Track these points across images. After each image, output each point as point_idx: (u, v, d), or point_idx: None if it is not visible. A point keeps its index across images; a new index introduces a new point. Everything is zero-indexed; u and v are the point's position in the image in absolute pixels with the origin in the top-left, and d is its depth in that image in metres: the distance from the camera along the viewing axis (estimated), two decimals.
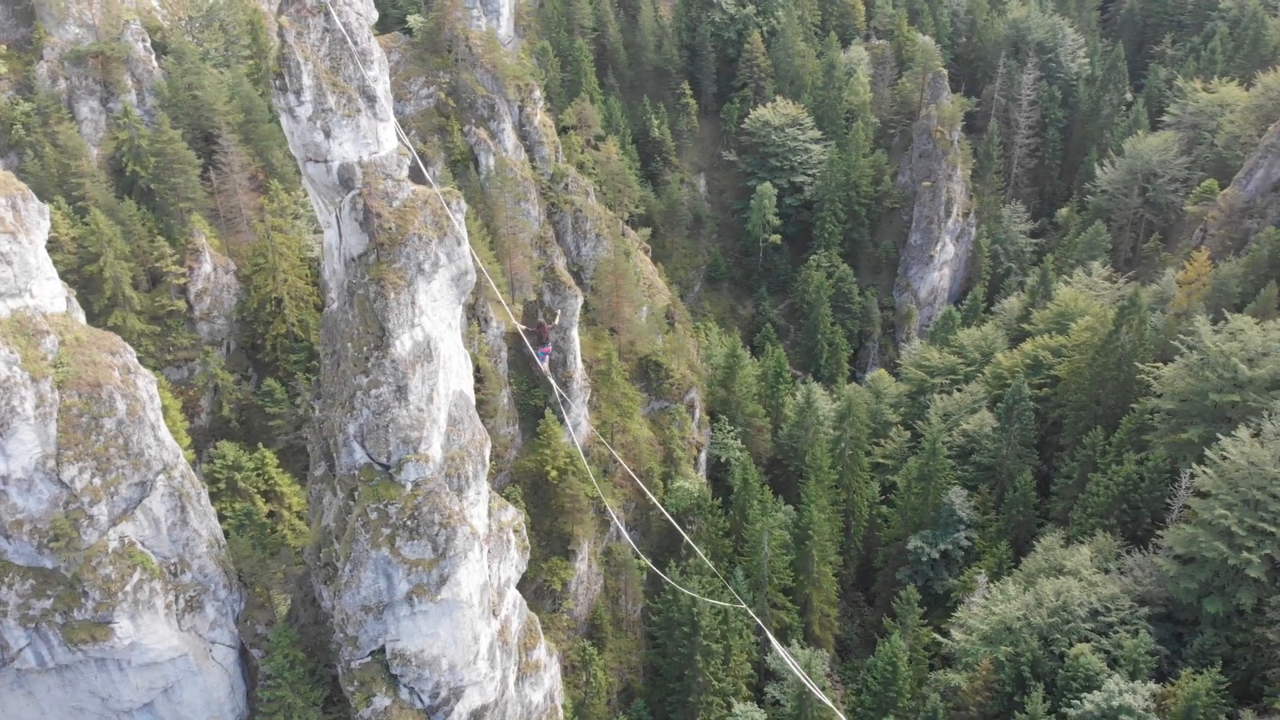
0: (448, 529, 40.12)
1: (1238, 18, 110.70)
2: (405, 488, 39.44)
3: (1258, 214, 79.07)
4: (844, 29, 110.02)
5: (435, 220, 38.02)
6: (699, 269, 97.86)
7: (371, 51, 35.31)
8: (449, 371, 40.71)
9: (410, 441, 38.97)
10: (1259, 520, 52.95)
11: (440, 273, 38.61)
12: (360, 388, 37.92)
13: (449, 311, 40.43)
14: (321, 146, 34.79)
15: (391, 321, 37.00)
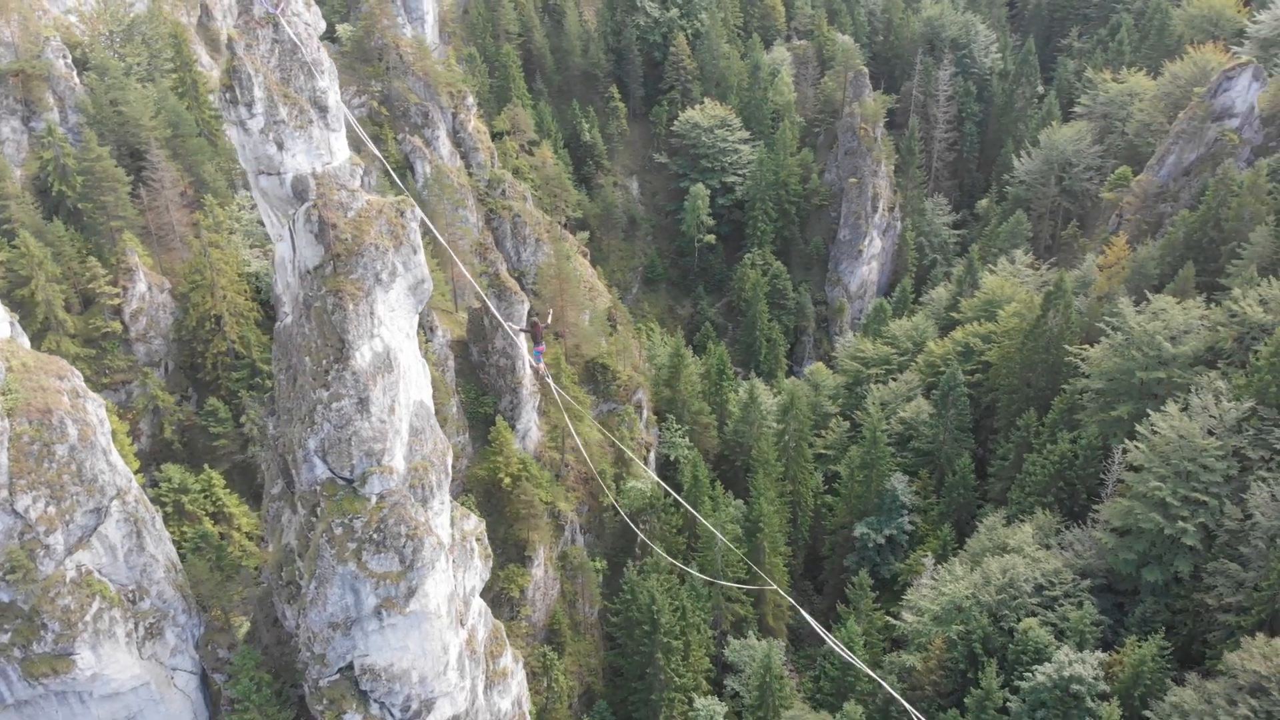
0: (414, 540, 39.86)
1: (1142, 9, 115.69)
2: (370, 500, 39.07)
3: (1171, 198, 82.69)
4: (766, 30, 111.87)
5: (391, 230, 37.77)
6: (636, 271, 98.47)
7: (321, 62, 35.01)
8: (409, 381, 40.44)
9: (373, 454, 38.63)
10: (1191, 490, 55.47)
11: (398, 282, 38.39)
12: (321, 401, 37.46)
13: (407, 321, 40.17)
14: (274, 159, 34.32)
15: (351, 333, 36.65)
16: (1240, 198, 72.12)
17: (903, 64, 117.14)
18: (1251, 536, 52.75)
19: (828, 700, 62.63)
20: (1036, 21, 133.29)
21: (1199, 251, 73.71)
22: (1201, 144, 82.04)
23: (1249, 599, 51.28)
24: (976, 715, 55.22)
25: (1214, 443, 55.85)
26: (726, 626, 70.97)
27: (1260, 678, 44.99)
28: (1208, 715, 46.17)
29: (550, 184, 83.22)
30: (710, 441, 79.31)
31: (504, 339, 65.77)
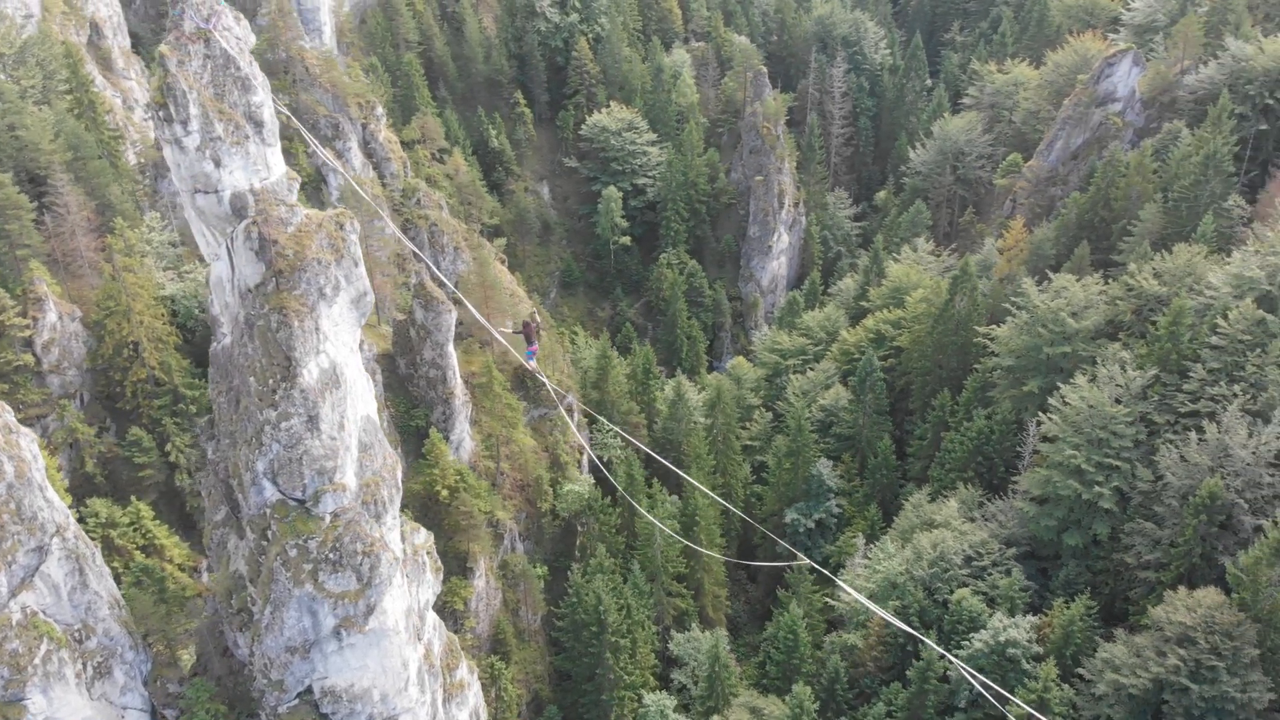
0: (371, 557, 39.40)
1: (1020, 2, 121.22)
2: (324, 520, 38.45)
3: (1061, 181, 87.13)
4: (664, 33, 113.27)
5: (331, 243, 37.28)
6: (553, 275, 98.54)
7: (254, 76, 34.35)
8: (355, 396, 39.94)
9: (325, 472, 38.05)
10: (1104, 457, 58.63)
11: (341, 296, 37.91)
12: (269, 422, 36.72)
13: (350, 335, 39.67)
14: (211, 176, 33.56)
15: (298, 350, 36.05)
16: (1128, 178, 76.54)
17: (797, 63, 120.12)
18: (1164, 496, 56.07)
19: (774, 685, 63.95)
20: (920, 17, 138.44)
21: (1091, 231, 77.88)
22: (1087, 128, 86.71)
23: (1166, 555, 54.55)
24: (919, 686, 57.24)
25: (1122, 410, 59.15)
26: (669, 621, 71.75)
27: (1186, 628, 47.94)
28: (1139, 668, 48.96)
29: (464, 192, 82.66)
30: (641, 440, 79.92)
31: (432, 350, 65.15)
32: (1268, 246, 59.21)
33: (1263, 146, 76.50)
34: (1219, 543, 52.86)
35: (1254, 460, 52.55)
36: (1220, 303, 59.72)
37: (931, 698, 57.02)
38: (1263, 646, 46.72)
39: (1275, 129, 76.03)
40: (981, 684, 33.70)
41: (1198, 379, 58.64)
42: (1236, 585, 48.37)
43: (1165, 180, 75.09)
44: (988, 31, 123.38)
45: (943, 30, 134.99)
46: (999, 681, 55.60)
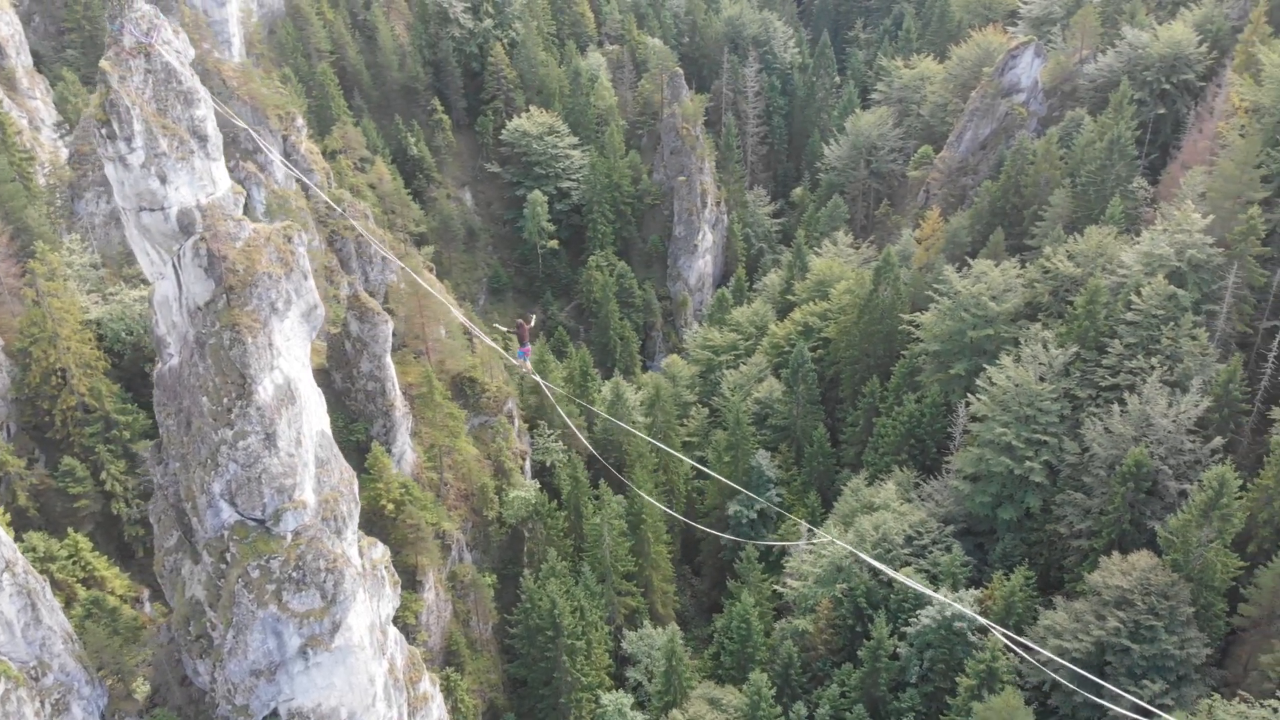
0: (335, 573, 38.92)
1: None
2: (285, 539, 37.86)
3: (971, 171, 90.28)
4: (578, 37, 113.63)
5: (280, 257, 36.76)
6: (481, 282, 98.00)
7: (197, 90, 33.66)
8: (309, 411, 39.39)
9: (285, 489, 37.45)
10: (1033, 433, 61.09)
11: (292, 310, 37.40)
12: (225, 442, 35.99)
13: (302, 349, 39.13)
14: (158, 193, 32.76)
15: (253, 367, 35.44)
16: (1036, 165, 79.74)
17: (710, 63, 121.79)
18: (1091, 467, 58.72)
19: (730, 675, 64.84)
20: (824, 16, 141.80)
21: (1004, 217, 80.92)
22: (994, 119, 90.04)
23: (1097, 523, 57.14)
24: (870, 664, 58.78)
25: (1047, 387, 61.72)
26: (621, 621, 72.12)
27: (1123, 591, 50.34)
28: (1081, 632, 51.24)
29: (388, 201, 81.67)
30: (582, 442, 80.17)
31: (370, 362, 64.30)
32: (1175, 225, 62.46)
33: (1161, 130, 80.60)
34: (1146, 508, 55.64)
35: (1175, 428, 55.45)
36: (1133, 280, 62.74)
37: (884, 675, 58.64)
38: (1196, 604, 49.40)
39: (1172, 113, 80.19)
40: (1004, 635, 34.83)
41: (1116, 354, 61.52)
42: (1167, 547, 51.03)
43: (1072, 166, 78.44)
44: (891, 28, 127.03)
45: (846, 28, 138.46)
46: (947, 654, 57.63)
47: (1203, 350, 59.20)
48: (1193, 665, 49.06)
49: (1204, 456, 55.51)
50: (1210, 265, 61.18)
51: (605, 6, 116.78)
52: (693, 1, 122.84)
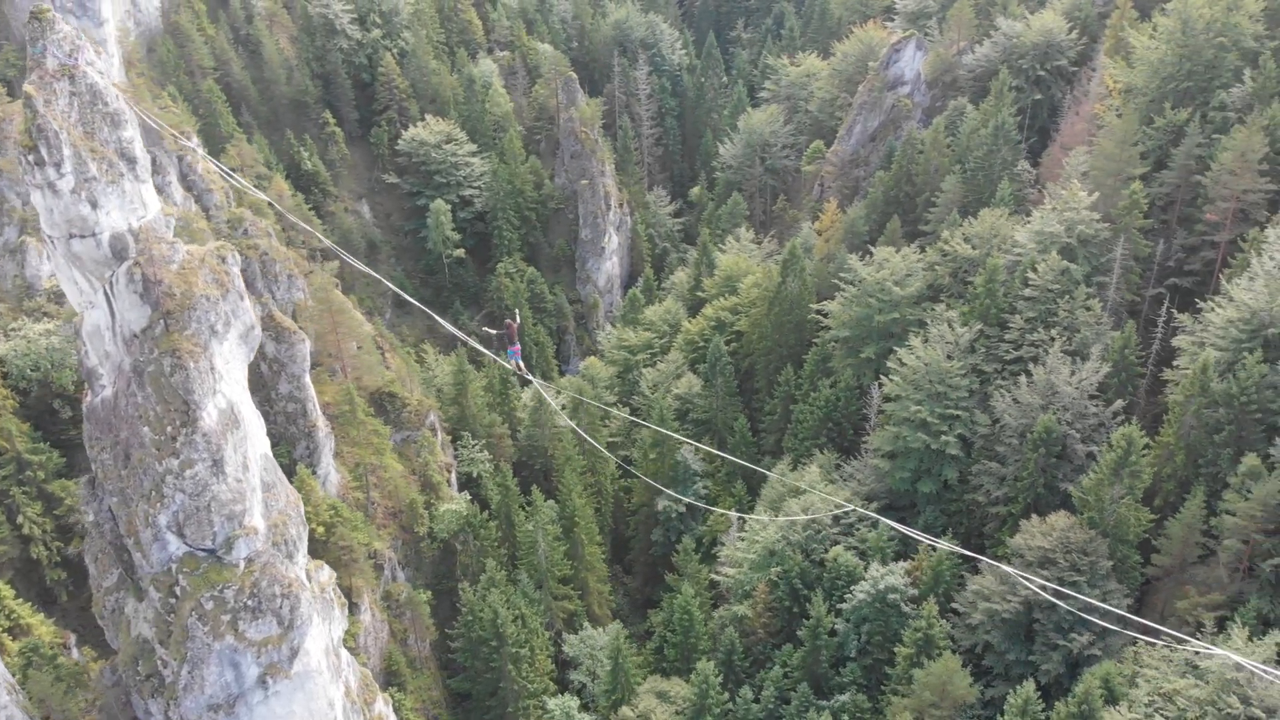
0: (290, 598, 38.14)
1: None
2: (238, 567, 36.91)
3: (863, 163, 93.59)
4: (467, 44, 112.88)
5: (216, 278, 35.87)
6: (386, 295, 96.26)
7: (123, 111, 32.56)
8: (253, 434, 38.47)
9: (235, 516, 36.53)
10: (945, 408, 63.89)
11: (231, 332, 36.53)
12: (170, 472, 34.89)
13: (240, 372, 38.20)
14: (89, 219, 31.58)
15: (196, 393, 34.49)
16: (925, 154, 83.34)
17: (600, 67, 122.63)
18: (1003, 436, 61.80)
19: (674, 667, 65.69)
20: (705, 17, 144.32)
21: (898, 206, 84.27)
22: (881, 111, 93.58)
23: (1013, 489, 60.17)
24: (811, 643, 60.43)
25: (955, 364, 64.61)
26: (559, 625, 72.19)
27: (1045, 551, 53.22)
28: (1008, 594, 53.94)
29: (289, 217, 79.61)
30: (507, 450, 79.95)
31: (288, 382, 62.81)
32: (1063, 203, 66.24)
33: (1039, 114, 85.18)
34: (1058, 472, 58.91)
35: (1078, 394, 58.89)
36: (1028, 258, 66.29)
37: (824, 652, 60.41)
38: (1114, 558, 52.62)
39: (1048, 97, 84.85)
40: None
41: (1017, 328, 64.87)
42: (1082, 507, 54.18)
43: (959, 153, 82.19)
44: (773, 27, 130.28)
45: (728, 29, 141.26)
46: (883, 626, 59.82)
47: (1097, 320, 63.05)
48: (1115, 616, 52.21)
49: (1107, 419, 59.13)
50: (1098, 239, 65.17)
51: (493, 14, 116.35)
52: (580, 6, 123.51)
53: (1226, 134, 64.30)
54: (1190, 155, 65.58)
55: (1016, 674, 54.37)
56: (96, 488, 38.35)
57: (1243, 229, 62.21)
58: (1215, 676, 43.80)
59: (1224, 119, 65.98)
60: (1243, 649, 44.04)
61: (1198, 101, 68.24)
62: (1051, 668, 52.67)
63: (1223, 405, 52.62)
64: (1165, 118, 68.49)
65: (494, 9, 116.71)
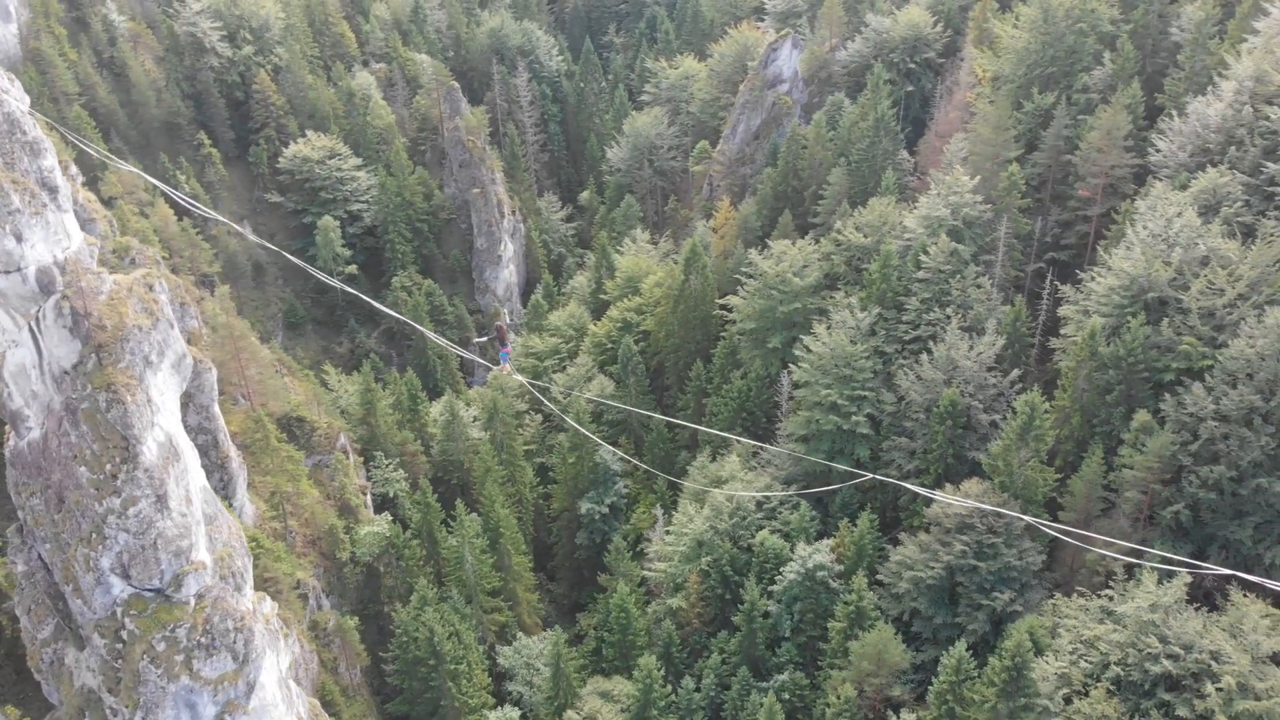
0: (244, 631, 37.15)
1: (672, 1, 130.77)
2: (188, 604, 35.76)
3: (749, 161, 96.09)
4: (341, 57, 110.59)
5: (145, 307, 34.67)
6: (275, 318, 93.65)
7: (42, 140, 31.16)
8: (192, 466, 37.27)
9: (182, 552, 35.37)
10: (853, 390, 66.40)
11: (164, 362, 35.32)
12: (111, 511, 33.54)
13: (174, 403, 36.95)
14: (14, 254, 30.15)
15: (135, 427, 33.28)
16: (810, 149, 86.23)
17: (479, 76, 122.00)
18: (910, 412, 64.71)
19: (614, 666, 66.21)
20: (577, 23, 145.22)
21: (788, 200, 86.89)
22: (763, 110, 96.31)
23: (923, 462, 63.04)
24: (747, 627, 61.91)
25: (859, 348, 67.21)
26: (492, 638, 71.75)
27: (962, 518, 56.11)
28: (931, 560, 56.62)
29: (174, 243, 76.69)
30: (422, 466, 78.91)
31: (197, 414, 60.48)
32: (947, 188, 69.79)
33: (912, 105, 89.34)
34: (964, 441, 62.09)
35: (978, 367, 62.19)
36: (918, 242, 69.51)
37: (760, 635, 62.01)
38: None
39: (920, 89, 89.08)
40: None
41: (914, 309, 67.94)
42: (992, 472, 57.26)
43: (841, 146, 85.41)
44: (647, 31, 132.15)
45: (601, 33, 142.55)
46: (815, 604, 61.81)
47: (988, 296, 66.71)
48: (1031, 572, 55.55)
49: (1005, 389, 62.67)
50: (982, 220, 68.91)
51: (365, 26, 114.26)
52: (454, 15, 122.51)
53: (1091, 114, 69.14)
54: (1059, 136, 70.18)
55: (944, 636, 57.11)
56: (26, 535, 36.41)
57: (1113, 202, 66.97)
58: (1132, 620, 47.15)
59: (1087, 100, 70.89)
60: (1154, 592, 47.59)
61: (1062, 85, 73.08)
62: (977, 627, 55.51)
63: (1112, 367, 56.50)
64: (1033, 102, 73.11)
65: (366, 21, 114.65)
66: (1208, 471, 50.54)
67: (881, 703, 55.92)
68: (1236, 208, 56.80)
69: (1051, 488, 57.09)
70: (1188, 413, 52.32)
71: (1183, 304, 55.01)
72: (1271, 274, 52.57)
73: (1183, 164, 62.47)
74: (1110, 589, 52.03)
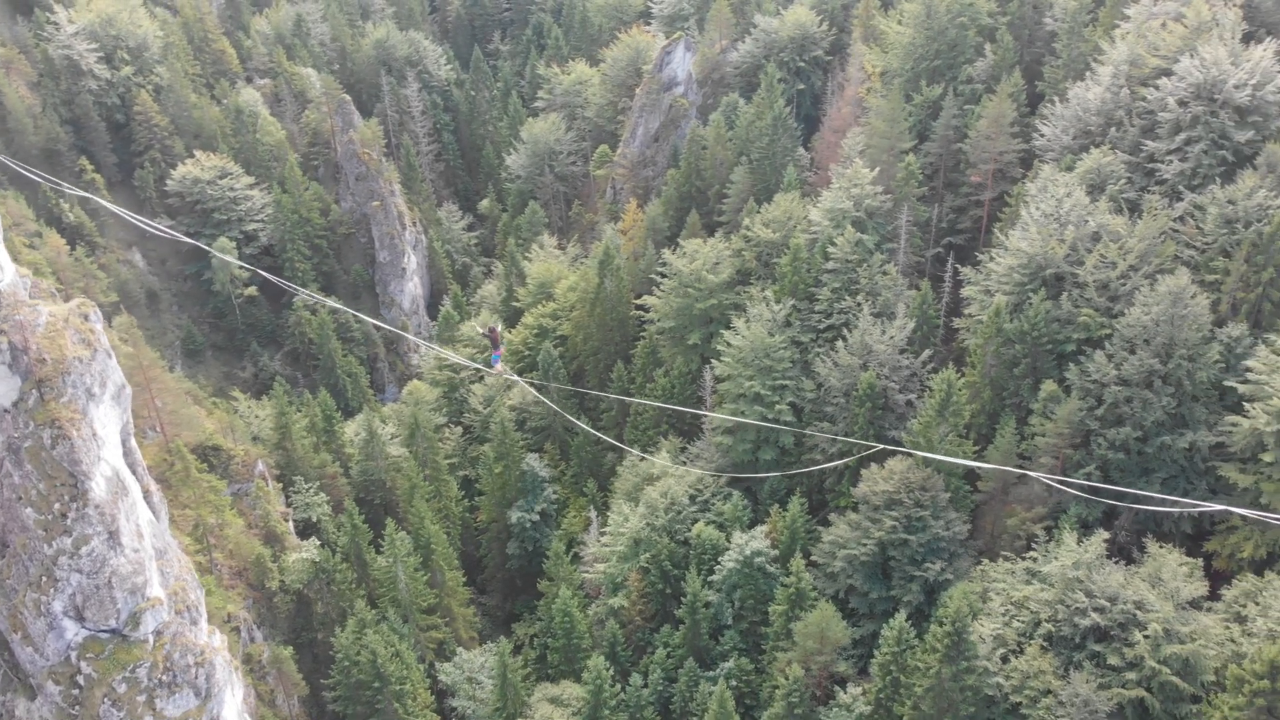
0: (205, 666, 36.23)
1: (557, 7, 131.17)
2: (147, 642, 34.67)
3: (651, 163, 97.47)
4: (225, 75, 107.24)
5: (82, 338, 33.46)
6: (173, 346, 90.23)
7: None
8: (138, 500, 36.06)
9: (138, 589, 34.27)
10: (774, 380, 68.25)
11: (105, 393, 34.11)
12: (63, 552, 32.28)
13: (116, 435, 35.68)
14: None
15: (83, 463, 32.13)
16: (710, 149, 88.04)
17: (367, 88, 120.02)
18: (830, 398, 66.90)
19: (560, 672, 66.35)
20: (460, 31, 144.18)
21: (693, 200, 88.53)
22: (660, 112, 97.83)
23: (846, 445, 65.32)
24: (690, 618, 62.98)
25: (777, 339, 69.13)
26: (431, 657, 70.89)
27: (890, 494, 58.41)
28: (863, 538, 58.74)
29: (67, 273, 73.22)
30: (344, 488, 77.34)
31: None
32: (849, 181, 72.40)
33: (803, 103, 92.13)
34: (884, 421, 64.65)
35: (891, 350, 64.80)
36: (825, 234, 71.90)
37: (704, 625, 63.19)
38: (949, 490, 58.53)
39: (810, 87, 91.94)
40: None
41: (825, 299, 70.23)
42: (914, 448, 59.80)
43: (741, 145, 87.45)
44: (534, 38, 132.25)
45: (486, 41, 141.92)
46: (754, 591, 63.29)
47: (894, 282, 69.50)
48: (958, 541, 58.26)
49: (918, 369, 65.49)
50: (883, 210, 71.77)
51: (246, 41, 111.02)
52: (338, 28, 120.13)
53: (977, 104, 72.85)
54: (949, 126, 73.69)
55: (881, 610, 59.36)
56: None
57: (1003, 187, 70.77)
58: (1058, 578, 50.08)
59: (973, 90, 74.69)
60: (1076, 550, 50.64)
61: (948, 77, 76.74)
62: (912, 598, 57.88)
63: (1017, 342, 59.77)
64: (922, 94, 76.50)
65: (247, 37, 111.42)
66: (1114, 433, 54.04)
67: (827, 679, 57.75)
68: (1121, 185, 60.88)
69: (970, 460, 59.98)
70: (1092, 380, 55.81)
71: (1079, 278, 58.58)
72: (1158, 245, 56.59)
73: (1067, 146, 66.47)
74: (1033, 551, 55.11)
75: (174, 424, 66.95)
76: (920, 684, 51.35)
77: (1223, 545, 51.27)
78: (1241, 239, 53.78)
